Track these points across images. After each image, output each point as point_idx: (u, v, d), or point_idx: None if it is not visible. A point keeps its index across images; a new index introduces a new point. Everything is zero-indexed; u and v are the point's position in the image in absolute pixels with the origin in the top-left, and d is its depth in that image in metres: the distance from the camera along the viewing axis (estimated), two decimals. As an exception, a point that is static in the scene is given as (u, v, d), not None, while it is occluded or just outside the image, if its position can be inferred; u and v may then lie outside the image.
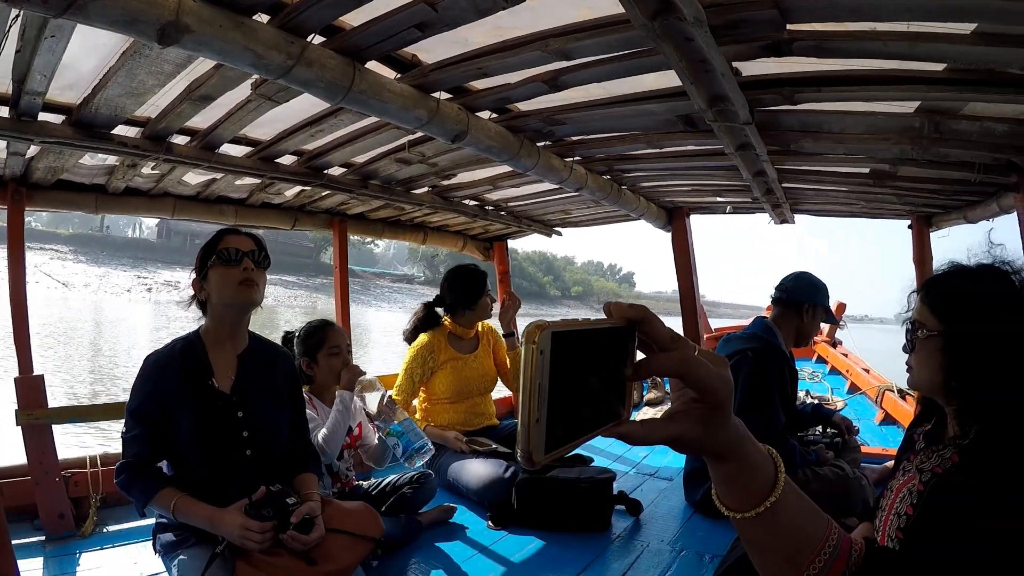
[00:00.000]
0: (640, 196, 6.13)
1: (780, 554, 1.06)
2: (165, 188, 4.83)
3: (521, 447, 0.73)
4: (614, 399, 0.90)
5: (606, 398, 0.87)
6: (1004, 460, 1.75)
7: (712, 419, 0.90)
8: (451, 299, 5.38)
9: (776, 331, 4.51)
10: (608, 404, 0.88)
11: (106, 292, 64.11)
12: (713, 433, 0.91)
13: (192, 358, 2.95)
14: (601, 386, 0.86)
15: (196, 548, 2.80)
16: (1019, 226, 4.07)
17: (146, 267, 78.45)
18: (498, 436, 5.40)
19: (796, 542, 1.05)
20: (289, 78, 2.62)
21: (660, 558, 3.90)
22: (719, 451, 0.94)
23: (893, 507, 2.07)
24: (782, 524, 1.02)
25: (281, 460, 3.15)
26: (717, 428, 0.91)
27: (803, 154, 4.36)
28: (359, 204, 5.87)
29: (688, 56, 2.68)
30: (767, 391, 4.28)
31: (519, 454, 0.73)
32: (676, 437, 0.89)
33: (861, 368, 9.31)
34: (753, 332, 4.54)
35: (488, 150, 3.76)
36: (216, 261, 2.93)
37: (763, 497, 0.99)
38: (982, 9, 2.33)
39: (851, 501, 4.14)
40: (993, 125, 3.50)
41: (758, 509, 0.98)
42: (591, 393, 0.83)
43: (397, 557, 3.84)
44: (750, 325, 4.70)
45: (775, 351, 4.40)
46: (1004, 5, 2.24)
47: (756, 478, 0.99)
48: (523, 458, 0.73)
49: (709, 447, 0.93)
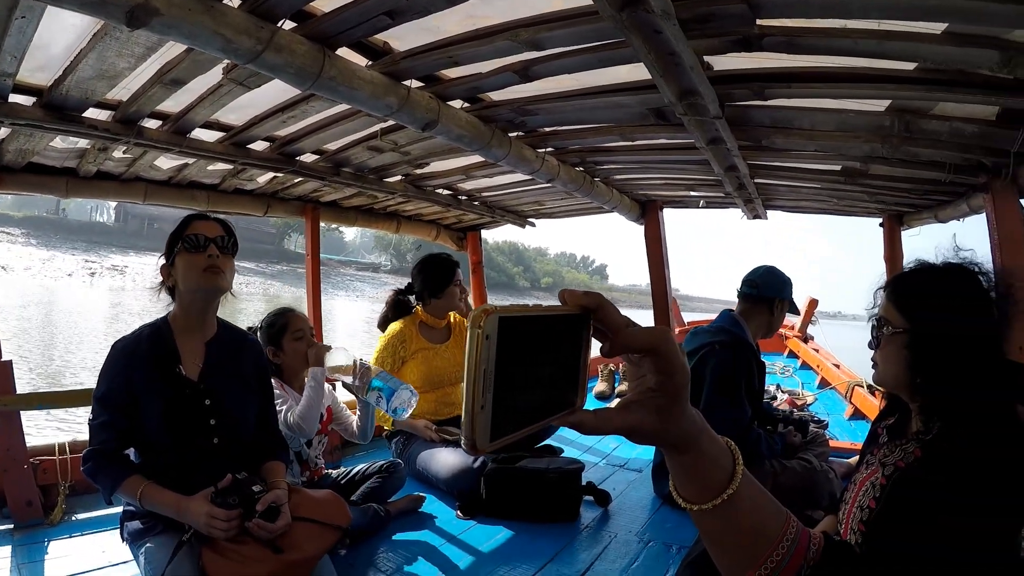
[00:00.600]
0: (613, 188, 6.15)
1: (737, 546, 1.06)
2: (137, 172, 4.78)
3: (465, 434, 0.72)
4: (566, 387, 0.89)
5: (558, 385, 0.86)
6: (965, 457, 1.77)
7: (669, 409, 0.89)
8: (420, 287, 5.38)
9: (744, 325, 4.54)
10: (560, 392, 0.87)
11: (46, 276, 62.05)
12: (669, 424, 0.90)
13: (159, 344, 2.92)
14: (552, 373, 0.85)
15: (163, 536, 2.79)
16: (987, 226, 4.11)
17: (99, 251, 76.68)
18: (468, 426, 5.38)
19: (753, 535, 1.05)
20: (258, 63, 2.60)
21: (627, 548, 3.92)
22: (675, 442, 0.94)
23: (856, 500, 2.09)
24: (739, 516, 1.02)
25: (249, 448, 3.14)
26: (673, 419, 0.90)
27: (774, 150, 4.39)
28: (332, 192, 5.84)
29: (657, 49, 2.69)
30: (734, 383, 4.31)
31: (463, 441, 0.72)
32: (631, 427, 0.89)
33: (831, 363, 9.40)
34: (720, 326, 4.57)
35: (459, 139, 3.75)
36: (182, 247, 2.91)
37: (720, 489, 0.98)
38: (952, 9, 2.35)
39: (818, 494, 4.18)
40: (963, 126, 3.54)
41: (715, 501, 0.98)
42: (541, 380, 0.82)
43: (365, 546, 3.83)
44: (717, 319, 4.73)
45: (743, 344, 4.43)
46: (974, 5, 2.27)
47: (713, 470, 0.99)
48: (467, 445, 0.72)
49: (665, 438, 0.92)
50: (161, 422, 2.82)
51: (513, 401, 0.77)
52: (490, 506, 4.39)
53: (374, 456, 4.65)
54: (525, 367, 0.78)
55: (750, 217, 6.84)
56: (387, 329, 5.29)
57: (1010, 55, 2.57)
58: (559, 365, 0.86)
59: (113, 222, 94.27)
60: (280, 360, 4.01)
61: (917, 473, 1.94)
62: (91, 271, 66.17)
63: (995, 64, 2.63)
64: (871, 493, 2.04)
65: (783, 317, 4.67)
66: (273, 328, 4.03)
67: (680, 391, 0.89)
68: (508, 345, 0.73)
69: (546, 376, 0.84)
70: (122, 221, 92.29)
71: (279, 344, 4.00)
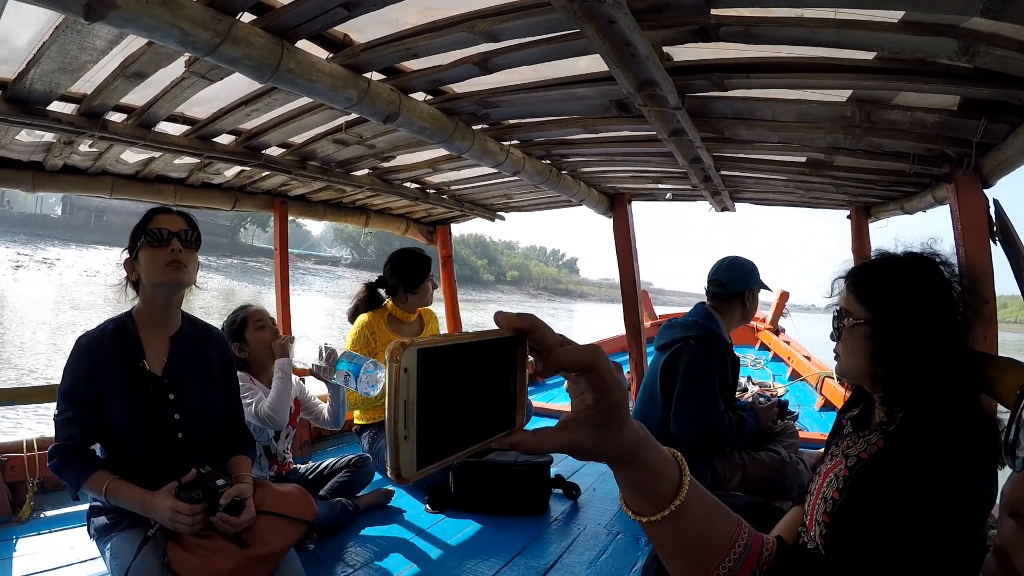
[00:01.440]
0: (580, 181, 6.15)
1: (688, 555, 1.07)
2: (103, 166, 4.73)
3: (390, 464, 0.72)
4: (504, 408, 0.90)
5: (494, 407, 0.87)
6: (927, 447, 1.80)
7: (607, 425, 0.90)
8: (393, 282, 5.38)
9: (717, 319, 4.57)
10: (497, 413, 0.88)
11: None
12: (609, 439, 0.90)
13: (124, 339, 2.92)
14: (486, 396, 0.85)
15: (129, 531, 2.79)
16: (951, 218, 4.14)
17: (38, 244, 74.58)
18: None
19: (704, 543, 1.06)
20: (216, 56, 2.57)
21: (596, 541, 3.97)
22: (617, 457, 0.94)
23: (821, 491, 2.12)
24: (688, 526, 1.02)
25: (214, 442, 3.15)
26: (613, 434, 0.90)
27: (738, 141, 4.40)
28: (300, 185, 5.81)
29: (612, 39, 2.68)
30: (708, 379, 4.34)
31: (388, 470, 0.72)
32: (570, 445, 0.89)
33: (802, 355, 9.51)
34: (694, 320, 4.59)
35: (421, 131, 3.74)
36: (145, 242, 2.90)
37: (667, 501, 0.99)
38: (910, -4, 2.36)
39: (787, 485, 4.22)
40: (924, 116, 3.54)
41: (663, 513, 0.99)
42: (473, 405, 0.82)
43: (334, 541, 3.85)
44: (691, 312, 4.74)
45: (717, 339, 4.46)
46: (930, -8, 2.29)
47: (659, 482, 0.99)
48: (392, 474, 0.72)
49: (605, 454, 0.92)
50: (126, 417, 2.82)
51: (440, 428, 0.77)
52: (459, 500, 4.41)
53: (343, 451, 4.66)
54: (451, 394, 0.78)
55: (718, 210, 6.86)
56: (356, 321, 5.29)
57: (968, 43, 2.58)
58: (493, 388, 0.87)
59: (60, 214, 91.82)
60: (246, 354, 4.02)
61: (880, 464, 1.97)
62: (17, 264, 64.57)
63: (953, 53, 2.64)
64: (835, 484, 2.07)
65: (757, 302, 4.73)
66: (234, 324, 4.05)
67: (616, 407, 0.90)
68: (430, 375, 0.73)
69: (479, 400, 0.84)
70: (68, 213, 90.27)
71: (242, 338, 4.00)
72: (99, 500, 2.81)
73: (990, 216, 3.98)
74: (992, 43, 2.57)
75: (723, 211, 6.91)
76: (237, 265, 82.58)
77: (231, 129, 4.29)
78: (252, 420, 3.76)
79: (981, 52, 2.59)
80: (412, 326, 5.47)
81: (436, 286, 5.51)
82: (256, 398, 3.84)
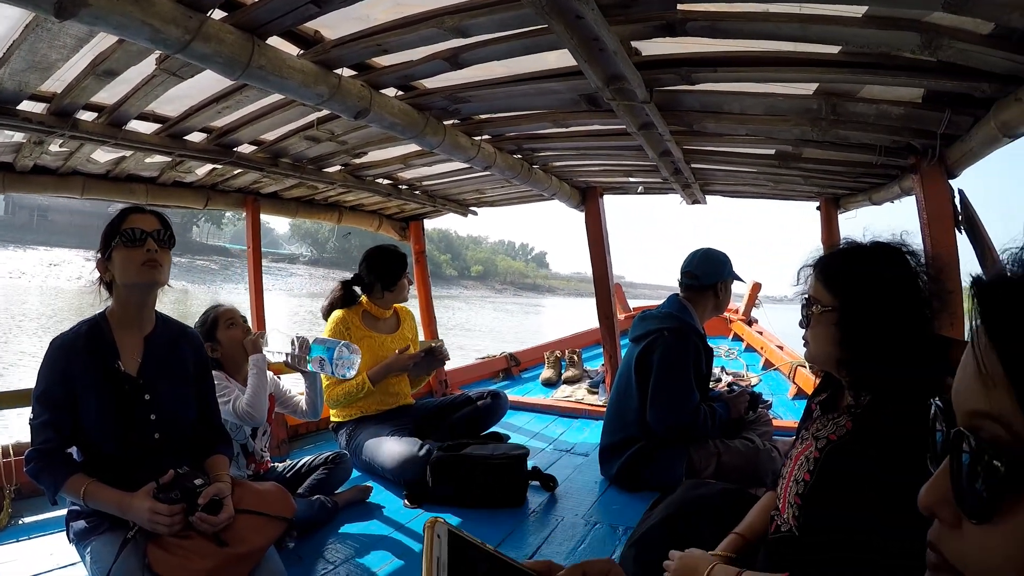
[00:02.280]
0: (552, 176, 6.19)
1: None
2: (74, 166, 4.68)
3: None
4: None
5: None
6: (892, 431, 1.84)
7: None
8: (369, 279, 5.39)
9: (691, 310, 4.63)
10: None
11: None
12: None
13: (98, 340, 2.90)
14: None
15: (108, 534, 2.77)
16: (916, 207, 4.20)
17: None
18: (414, 415, 5.45)
19: None
20: (187, 53, 2.57)
21: (574, 531, 3.99)
22: None
23: (792, 474, 2.17)
24: None
25: (191, 442, 3.14)
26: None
27: (707, 134, 4.46)
28: (272, 183, 5.79)
29: (579, 34, 2.72)
30: (683, 370, 4.41)
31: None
32: None
33: (775, 345, 9.57)
34: (668, 311, 4.65)
35: (392, 127, 3.75)
36: (120, 242, 2.88)
37: None
38: (871, -8, 2.40)
39: (761, 472, 4.27)
40: (890, 108, 3.61)
41: None
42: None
43: (313, 538, 3.84)
44: (664, 303, 4.81)
45: (691, 330, 4.52)
46: (892, -12, 2.33)
47: None
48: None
49: None
50: (101, 419, 2.81)
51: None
52: (437, 494, 4.42)
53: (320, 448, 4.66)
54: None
55: (689, 202, 6.92)
56: (329, 318, 5.30)
57: (930, 37, 2.63)
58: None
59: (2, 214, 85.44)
60: (219, 353, 4.02)
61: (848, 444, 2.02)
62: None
63: (916, 47, 2.69)
64: (806, 466, 2.11)
65: (730, 293, 4.81)
66: (205, 324, 4.05)
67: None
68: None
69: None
70: (10, 213, 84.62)
71: (214, 338, 4.01)
72: (78, 504, 2.79)
73: (955, 206, 4.05)
74: (954, 37, 2.63)
75: (694, 203, 6.98)
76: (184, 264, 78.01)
77: (202, 127, 4.27)
78: (229, 418, 3.77)
79: (944, 46, 2.65)
80: (388, 322, 5.48)
81: (411, 283, 5.53)
82: (233, 396, 3.84)
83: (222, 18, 2.71)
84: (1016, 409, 0.66)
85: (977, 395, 0.71)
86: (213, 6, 2.60)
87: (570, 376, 8.50)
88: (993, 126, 3.20)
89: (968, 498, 0.70)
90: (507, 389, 7.59)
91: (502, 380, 9.08)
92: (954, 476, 0.73)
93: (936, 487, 0.77)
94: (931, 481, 0.78)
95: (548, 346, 10.09)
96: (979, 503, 0.69)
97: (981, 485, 0.68)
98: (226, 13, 2.73)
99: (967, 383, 0.74)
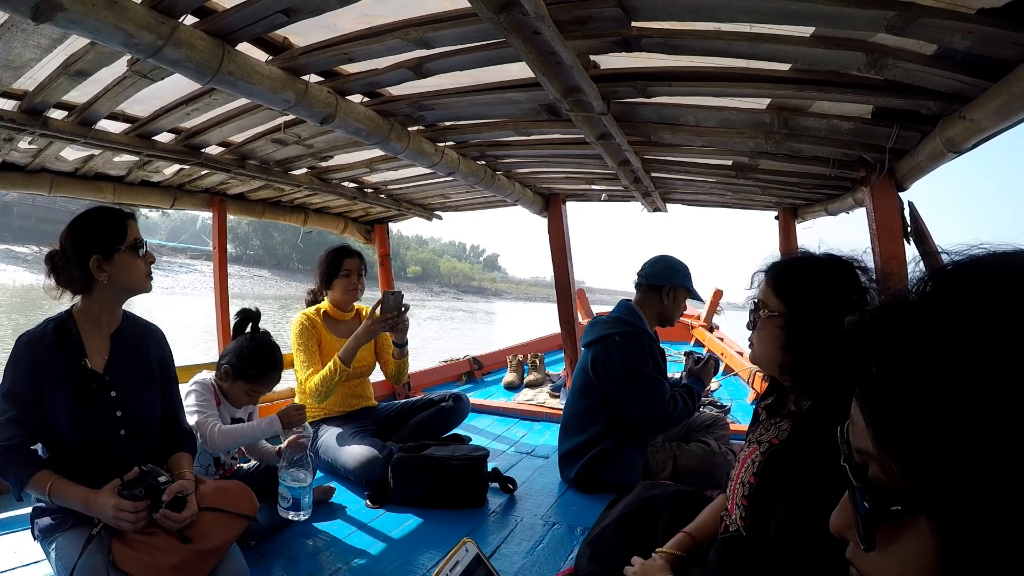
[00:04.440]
0: (515, 182, 6.26)
1: None
2: (42, 164, 4.67)
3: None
4: None
5: None
6: (829, 437, 1.94)
7: None
8: (316, 280, 5.48)
9: (639, 313, 4.71)
10: None
11: None
12: None
13: (65, 338, 2.91)
14: None
15: (73, 531, 2.79)
16: (867, 218, 4.30)
17: None
18: (376, 417, 5.50)
19: None
20: (159, 57, 2.62)
21: (533, 531, 4.05)
22: None
23: (739, 476, 2.25)
24: None
25: (156, 439, 3.16)
26: None
27: (664, 145, 4.55)
28: (239, 184, 5.80)
29: (537, 49, 2.82)
30: (644, 367, 4.50)
31: None
32: None
33: (735, 351, 9.71)
34: (618, 316, 4.74)
35: (357, 132, 3.81)
36: (128, 249, 2.93)
37: None
38: (816, 14, 2.48)
39: (717, 474, 4.37)
40: (840, 123, 3.69)
41: None
42: None
43: (277, 537, 3.86)
44: (615, 309, 4.90)
45: (642, 332, 4.61)
46: (836, 11, 2.41)
47: None
48: None
49: None
50: (68, 415, 2.82)
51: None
52: (398, 494, 4.46)
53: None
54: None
55: (650, 210, 7.01)
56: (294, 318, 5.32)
57: (876, 57, 2.71)
58: None
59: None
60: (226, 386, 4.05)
61: (787, 449, 2.10)
62: None
63: (863, 65, 2.77)
64: (751, 469, 2.18)
65: (678, 305, 4.85)
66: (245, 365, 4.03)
67: None
68: None
69: None
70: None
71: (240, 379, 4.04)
72: (43, 500, 2.80)
73: (904, 218, 4.14)
74: (899, 57, 2.72)
75: (655, 211, 7.06)
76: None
77: (171, 128, 4.30)
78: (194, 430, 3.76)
79: (889, 65, 2.74)
80: (348, 324, 5.46)
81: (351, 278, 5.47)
82: (209, 416, 3.81)
83: (194, 24, 2.75)
84: (873, 449, 0.75)
85: (862, 432, 0.79)
86: (185, 12, 2.65)
87: (532, 380, 8.56)
88: (939, 142, 3.28)
89: (857, 526, 0.78)
90: (470, 392, 7.63)
91: (465, 383, 9.10)
92: (853, 504, 0.80)
93: (842, 513, 0.85)
94: (838, 507, 0.86)
95: (511, 350, 10.16)
96: (862, 532, 0.77)
97: (862, 516, 0.76)
98: (198, 19, 2.77)
99: (856, 419, 0.81)
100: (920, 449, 0.68)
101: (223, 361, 4.06)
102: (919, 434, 0.68)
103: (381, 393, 6.93)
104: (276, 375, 4.14)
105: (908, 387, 0.70)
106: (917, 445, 0.68)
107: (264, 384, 4.07)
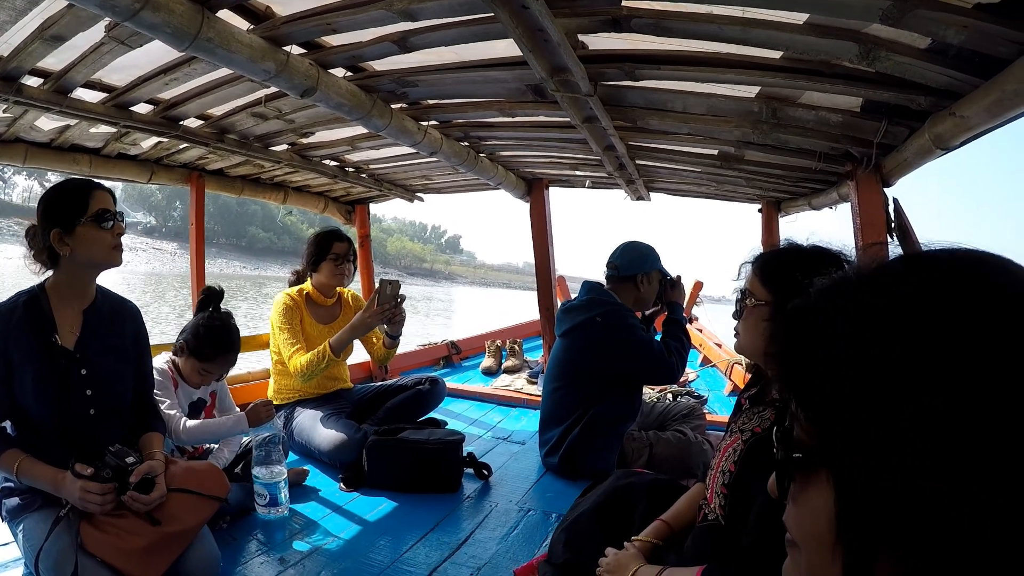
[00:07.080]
0: (498, 165, 6.23)
1: None
2: (16, 134, 4.54)
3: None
4: None
5: None
6: None
7: None
8: (303, 260, 5.41)
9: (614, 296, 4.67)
10: None
11: None
12: None
13: (36, 313, 2.83)
14: None
15: (41, 512, 2.74)
16: (851, 214, 4.29)
17: None
18: (351, 399, 5.45)
19: None
20: (135, 21, 2.54)
21: (508, 517, 4.03)
22: None
23: (720, 465, 2.24)
24: None
25: (128, 418, 3.10)
26: None
27: (651, 131, 4.53)
28: (218, 159, 5.72)
29: (524, 24, 2.77)
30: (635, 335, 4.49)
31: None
32: None
33: (714, 343, 9.78)
34: (591, 298, 4.67)
35: (339, 107, 3.75)
36: (90, 220, 2.82)
37: None
38: (812, 0, 2.48)
39: (692, 464, 4.41)
40: (829, 115, 3.70)
41: None
42: None
43: (248, 520, 3.82)
44: (581, 291, 4.82)
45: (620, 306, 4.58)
46: (833, -2, 2.40)
47: None
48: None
49: None
50: (37, 393, 2.75)
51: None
52: (372, 477, 4.43)
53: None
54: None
55: (634, 198, 7.00)
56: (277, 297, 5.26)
57: (868, 48, 2.71)
58: None
59: None
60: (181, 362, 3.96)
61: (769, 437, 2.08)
62: None
63: (855, 56, 2.76)
64: (732, 458, 2.18)
65: (654, 288, 4.82)
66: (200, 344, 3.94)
67: None
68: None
69: None
70: None
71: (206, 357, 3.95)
72: (11, 480, 2.76)
73: (888, 213, 4.13)
74: (891, 49, 2.71)
75: (639, 200, 7.06)
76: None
77: (149, 98, 4.21)
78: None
79: (881, 57, 2.72)
80: (329, 310, 5.43)
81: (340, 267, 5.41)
82: (170, 403, 3.72)
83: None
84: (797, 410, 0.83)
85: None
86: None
87: (510, 366, 8.56)
88: (928, 138, 3.28)
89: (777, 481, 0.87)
90: (447, 377, 7.61)
91: (443, 368, 9.09)
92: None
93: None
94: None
95: (489, 335, 10.18)
96: (777, 483, 0.88)
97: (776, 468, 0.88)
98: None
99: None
100: (825, 406, 0.76)
101: (180, 337, 3.99)
102: (824, 396, 0.76)
103: (357, 375, 6.89)
104: (231, 357, 4.05)
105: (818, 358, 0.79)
106: (822, 404, 0.77)
107: (217, 365, 3.98)
